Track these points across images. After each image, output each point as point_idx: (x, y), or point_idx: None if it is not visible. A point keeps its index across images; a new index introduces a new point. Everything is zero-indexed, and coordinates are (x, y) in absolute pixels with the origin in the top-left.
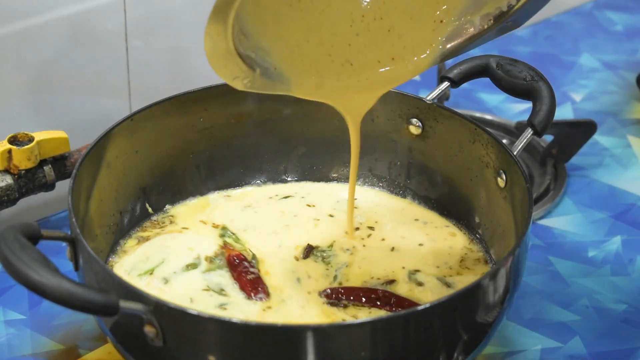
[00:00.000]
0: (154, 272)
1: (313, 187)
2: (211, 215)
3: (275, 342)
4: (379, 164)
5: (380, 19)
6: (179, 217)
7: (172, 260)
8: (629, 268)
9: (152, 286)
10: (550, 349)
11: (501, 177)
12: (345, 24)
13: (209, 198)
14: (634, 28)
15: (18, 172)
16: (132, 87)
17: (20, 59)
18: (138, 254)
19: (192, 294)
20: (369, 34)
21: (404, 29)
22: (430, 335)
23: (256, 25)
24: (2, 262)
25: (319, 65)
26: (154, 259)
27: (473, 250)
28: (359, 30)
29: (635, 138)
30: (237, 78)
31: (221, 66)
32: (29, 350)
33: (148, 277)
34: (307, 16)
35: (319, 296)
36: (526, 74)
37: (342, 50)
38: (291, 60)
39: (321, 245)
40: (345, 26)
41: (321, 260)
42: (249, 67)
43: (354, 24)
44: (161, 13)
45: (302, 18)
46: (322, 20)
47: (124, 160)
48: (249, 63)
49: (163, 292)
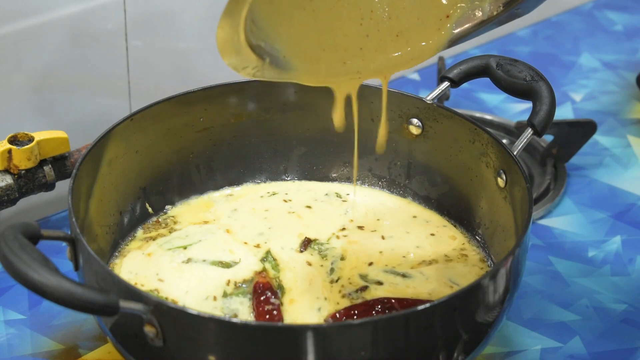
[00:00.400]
0: (187, 249)
1: (311, 185)
2: (216, 214)
3: (275, 342)
4: (379, 164)
5: (387, 10)
6: (181, 217)
7: (208, 247)
8: (629, 268)
9: (173, 260)
10: (550, 349)
11: (501, 177)
12: (355, 15)
13: (211, 197)
14: (634, 28)
15: (18, 172)
16: (132, 87)
17: (20, 59)
18: (180, 233)
19: (201, 291)
20: (378, 24)
21: (412, 18)
22: (430, 335)
23: (268, 16)
24: (2, 262)
25: (328, 52)
26: (193, 238)
27: (473, 250)
28: (369, 20)
29: (635, 138)
30: (247, 67)
31: (232, 56)
32: (29, 350)
33: (176, 251)
34: (318, 11)
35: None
36: (526, 74)
37: (352, 39)
38: (300, 49)
39: (319, 238)
40: (355, 17)
41: (317, 253)
42: (259, 56)
43: (364, 18)
44: (161, 13)
45: (313, 11)
46: (332, 13)
47: (124, 160)
48: (258, 52)
49: (179, 269)
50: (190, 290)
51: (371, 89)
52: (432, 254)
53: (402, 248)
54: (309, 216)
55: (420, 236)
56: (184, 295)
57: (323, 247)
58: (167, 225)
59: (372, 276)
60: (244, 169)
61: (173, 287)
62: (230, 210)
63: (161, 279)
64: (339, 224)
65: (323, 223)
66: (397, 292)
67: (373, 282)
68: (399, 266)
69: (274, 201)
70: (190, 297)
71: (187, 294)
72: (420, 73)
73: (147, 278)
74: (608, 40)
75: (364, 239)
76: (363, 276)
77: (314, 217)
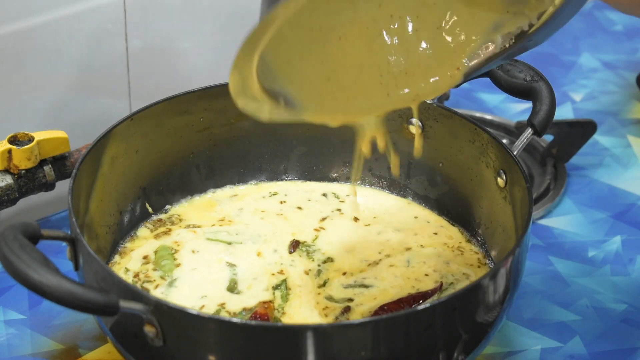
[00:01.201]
0: (231, 245)
1: (312, 186)
2: (224, 213)
3: (275, 342)
4: (379, 164)
5: (402, 57)
6: (186, 216)
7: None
8: (629, 268)
9: (219, 251)
10: (550, 349)
11: (501, 177)
12: (370, 62)
13: (213, 197)
14: (634, 28)
15: (18, 172)
16: (132, 87)
17: (20, 58)
18: (221, 228)
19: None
20: (393, 67)
21: (426, 58)
22: (430, 335)
23: (278, 64)
24: (2, 261)
25: (343, 94)
26: (241, 237)
27: (473, 250)
28: (385, 65)
29: (635, 138)
30: (263, 111)
31: (246, 102)
32: (29, 350)
33: (220, 245)
34: (329, 60)
35: None
36: (526, 74)
37: (367, 82)
38: (314, 93)
39: (307, 240)
40: (371, 65)
41: (305, 255)
42: (274, 98)
43: (380, 66)
44: (161, 13)
45: (323, 61)
46: (344, 56)
47: (124, 160)
48: (273, 95)
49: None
50: (189, 295)
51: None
52: (432, 253)
53: (399, 243)
54: (299, 216)
55: (417, 233)
56: (182, 298)
57: (310, 248)
58: (174, 224)
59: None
60: (244, 169)
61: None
62: (237, 210)
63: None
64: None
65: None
66: (384, 296)
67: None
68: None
69: (273, 202)
70: (187, 299)
71: (185, 297)
72: None
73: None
74: (608, 40)
75: (361, 234)
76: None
77: (304, 217)
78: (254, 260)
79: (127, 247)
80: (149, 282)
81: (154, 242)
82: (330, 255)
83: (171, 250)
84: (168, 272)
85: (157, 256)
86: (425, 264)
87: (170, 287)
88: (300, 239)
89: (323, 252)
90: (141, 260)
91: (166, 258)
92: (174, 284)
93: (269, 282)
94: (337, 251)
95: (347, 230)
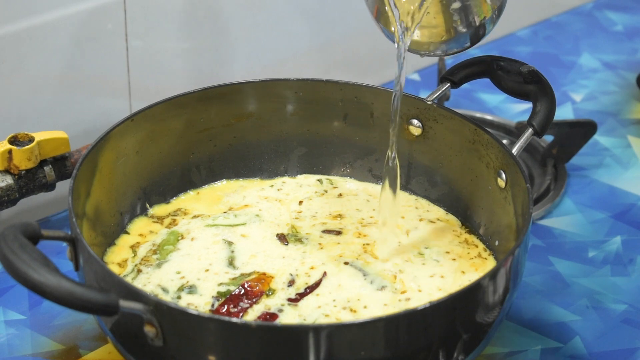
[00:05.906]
0: (236, 229)
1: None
2: (232, 201)
3: (275, 342)
4: (379, 164)
5: None
6: (193, 208)
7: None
8: (629, 268)
9: (217, 234)
10: (550, 349)
11: (501, 177)
12: None
13: (219, 187)
14: (634, 28)
15: (18, 172)
16: (132, 87)
17: (20, 59)
18: (225, 214)
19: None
20: None
21: None
22: (430, 335)
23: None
24: (2, 261)
25: None
26: (241, 219)
27: (472, 249)
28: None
29: (635, 138)
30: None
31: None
32: (29, 350)
33: (218, 229)
34: None
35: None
36: (526, 75)
37: None
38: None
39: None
40: None
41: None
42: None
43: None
44: (161, 13)
45: None
46: None
47: (124, 160)
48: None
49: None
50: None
51: (370, 89)
52: (433, 253)
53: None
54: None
55: (418, 224)
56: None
57: (298, 235)
58: (176, 215)
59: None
60: (244, 169)
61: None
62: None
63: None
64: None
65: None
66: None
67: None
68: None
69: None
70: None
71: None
72: (420, 73)
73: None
74: (608, 41)
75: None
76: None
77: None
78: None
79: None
80: (145, 265)
81: (164, 230)
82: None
83: (178, 236)
84: (164, 256)
85: (163, 241)
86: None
87: (157, 268)
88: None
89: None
90: (150, 246)
91: (171, 243)
92: (162, 265)
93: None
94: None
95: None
